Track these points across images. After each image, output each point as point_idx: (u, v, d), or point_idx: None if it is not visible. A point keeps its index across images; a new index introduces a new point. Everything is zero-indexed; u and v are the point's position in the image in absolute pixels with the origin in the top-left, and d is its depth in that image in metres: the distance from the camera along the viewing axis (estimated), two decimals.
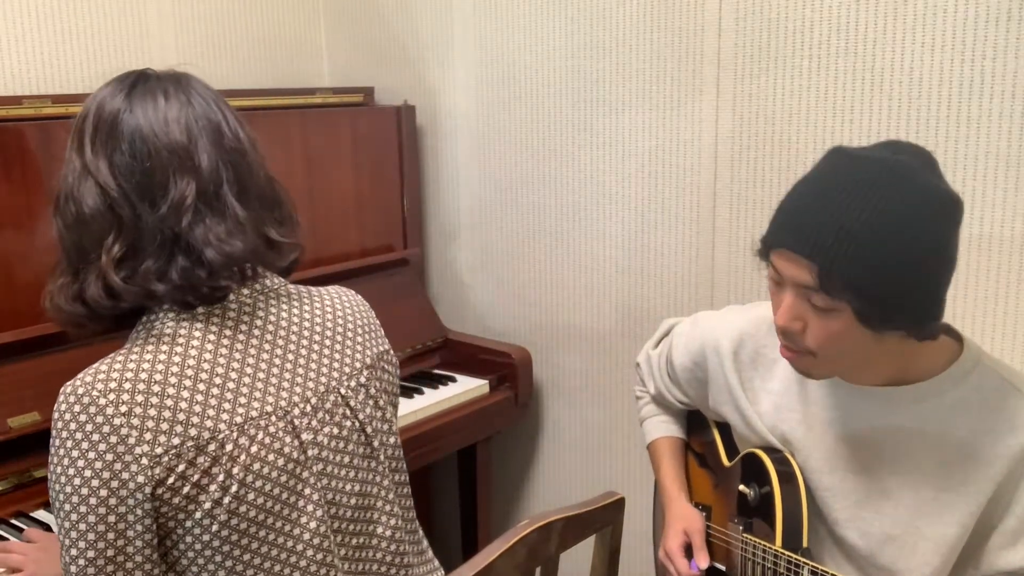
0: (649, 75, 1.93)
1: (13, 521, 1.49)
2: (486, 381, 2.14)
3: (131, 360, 1.02)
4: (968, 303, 1.59)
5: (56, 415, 1.00)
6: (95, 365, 1.02)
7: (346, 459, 1.14)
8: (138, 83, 1.09)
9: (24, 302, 1.63)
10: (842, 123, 1.68)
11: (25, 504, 1.53)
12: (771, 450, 1.26)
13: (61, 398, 1.00)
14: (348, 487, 1.14)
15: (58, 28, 1.94)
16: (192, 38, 2.19)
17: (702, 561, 1.32)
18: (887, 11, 1.60)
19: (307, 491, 1.09)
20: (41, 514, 1.52)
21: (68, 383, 1.01)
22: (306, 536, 1.09)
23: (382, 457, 1.19)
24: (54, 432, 1.00)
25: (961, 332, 1.16)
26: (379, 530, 1.18)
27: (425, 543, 1.30)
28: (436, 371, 2.22)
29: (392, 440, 1.22)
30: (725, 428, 1.39)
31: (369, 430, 1.17)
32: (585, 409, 2.21)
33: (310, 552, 1.09)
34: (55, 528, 1.02)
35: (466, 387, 2.11)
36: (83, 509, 0.97)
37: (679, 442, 1.50)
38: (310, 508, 1.09)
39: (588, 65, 2.02)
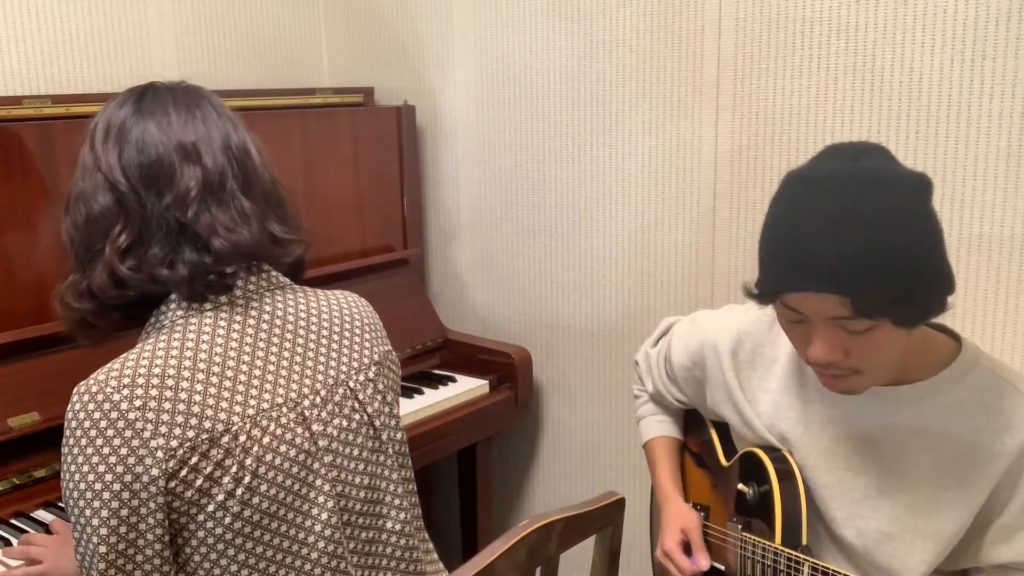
0: (649, 75, 1.93)
1: (13, 521, 1.49)
2: (486, 381, 2.14)
3: (144, 355, 1.03)
4: (968, 303, 1.59)
5: (70, 415, 1.01)
6: (108, 364, 1.03)
7: (355, 451, 1.14)
8: (147, 94, 1.13)
9: (24, 302, 1.63)
10: (842, 123, 1.68)
11: (25, 504, 1.53)
12: (770, 449, 1.26)
13: (75, 398, 1.01)
14: (358, 480, 1.14)
15: (58, 28, 1.94)
16: (192, 38, 2.19)
17: (703, 561, 1.32)
18: (887, 11, 1.60)
19: (318, 482, 1.10)
20: (41, 514, 1.52)
21: (82, 383, 1.02)
22: (317, 528, 1.09)
23: (391, 452, 1.20)
24: (68, 431, 1.01)
25: (959, 332, 1.17)
26: (388, 524, 1.19)
27: (430, 544, 1.30)
28: (436, 371, 2.21)
29: (399, 435, 1.23)
30: (722, 428, 1.39)
31: (378, 424, 1.18)
32: (585, 409, 2.21)
33: (321, 544, 1.10)
34: (70, 525, 1.03)
35: (466, 387, 2.11)
36: (96, 504, 0.98)
37: (675, 442, 1.50)
38: (321, 500, 1.10)
39: (588, 65, 2.02)
